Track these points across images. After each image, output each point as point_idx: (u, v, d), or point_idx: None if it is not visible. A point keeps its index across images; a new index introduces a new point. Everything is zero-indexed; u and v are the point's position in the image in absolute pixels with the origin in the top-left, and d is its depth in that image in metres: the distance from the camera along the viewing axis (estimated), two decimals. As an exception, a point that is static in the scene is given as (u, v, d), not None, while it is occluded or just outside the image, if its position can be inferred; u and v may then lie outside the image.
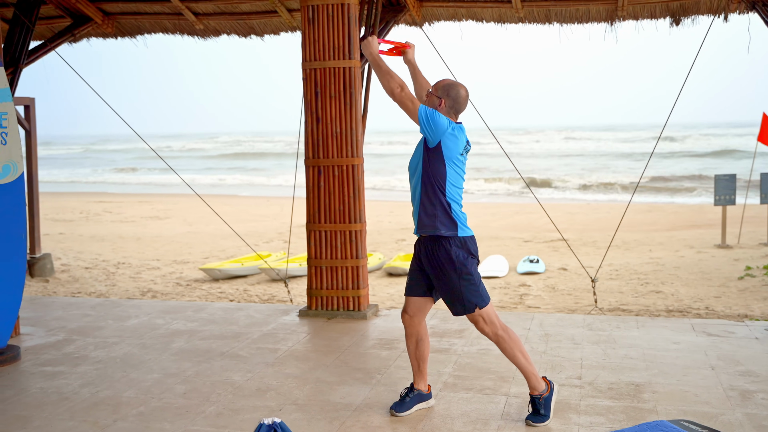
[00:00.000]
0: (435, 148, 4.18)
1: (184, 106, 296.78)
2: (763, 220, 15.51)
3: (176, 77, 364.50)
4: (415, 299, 4.40)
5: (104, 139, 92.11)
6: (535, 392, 4.29)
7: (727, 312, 8.71)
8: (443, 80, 4.34)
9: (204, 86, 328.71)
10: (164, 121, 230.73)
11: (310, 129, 6.69)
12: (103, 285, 11.14)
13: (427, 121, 4.12)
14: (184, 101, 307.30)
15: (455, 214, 4.22)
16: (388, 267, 12.01)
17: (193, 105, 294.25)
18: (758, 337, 5.86)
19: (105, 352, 5.82)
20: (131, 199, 26.80)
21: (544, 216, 18.83)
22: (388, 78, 4.22)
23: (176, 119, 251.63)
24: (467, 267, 4.23)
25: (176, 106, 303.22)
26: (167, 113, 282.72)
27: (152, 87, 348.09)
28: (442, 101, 4.25)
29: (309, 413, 4.47)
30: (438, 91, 4.28)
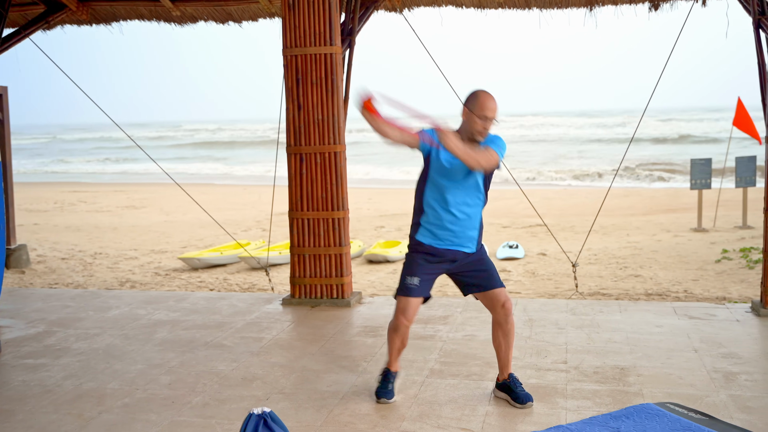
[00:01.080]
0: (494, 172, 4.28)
1: (160, 95, 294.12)
2: (738, 203, 15.68)
3: (153, 65, 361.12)
4: (416, 301, 4.32)
5: (71, 128, 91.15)
6: (504, 376, 4.42)
7: (705, 295, 8.80)
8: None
9: (181, 74, 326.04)
10: (140, 109, 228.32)
11: (291, 116, 6.63)
12: (81, 276, 11.02)
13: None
14: (160, 89, 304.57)
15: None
16: (368, 254, 11.99)
17: (169, 94, 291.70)
18: (739, 320, 5.92)
19: (87, 343, 5.76)
20: (106, 189, 26.53)
21: (522, 202, 18.90)
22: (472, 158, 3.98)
23: (152, 107, 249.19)
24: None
25: (152, 95, 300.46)
26: (142, 101, 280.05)
27: (128, 75, 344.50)
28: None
29: (296, 402, 4.45)
30: None
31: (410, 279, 4.27)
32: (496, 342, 4.42)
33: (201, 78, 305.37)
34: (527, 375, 4.76)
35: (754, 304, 6.18)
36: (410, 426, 4.05)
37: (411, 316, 4.29)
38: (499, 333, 4.38)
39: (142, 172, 34.16)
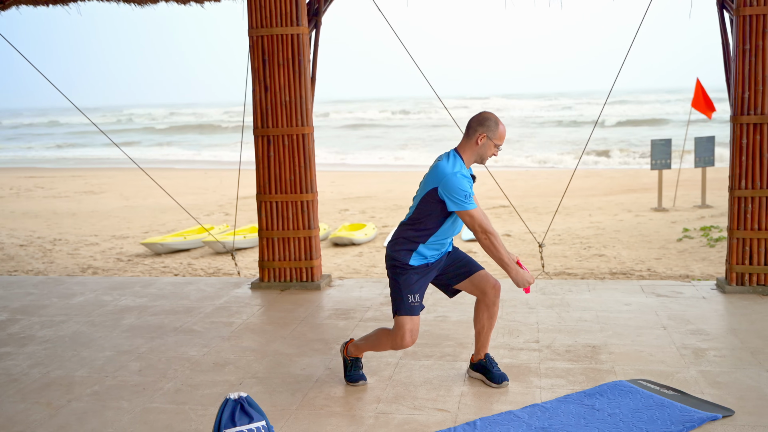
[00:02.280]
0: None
1: (119, 78, 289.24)
2: (697, 183, 15.95)
3: (112, 48, 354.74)
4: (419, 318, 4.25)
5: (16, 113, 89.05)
6: (481, 356, 4.41)
7: (668, 273, 8.93)
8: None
9: (142, 56, 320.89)
10: (97, 92, 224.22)
11: (258, 98, 6.54)
12: (40, 262, 10.80)
13: None
14: (119, 72, 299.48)
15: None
16: (333, 237, 11.93)
17: (128, 77, 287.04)
18: (705, 297, 6.01)
19: (52, 331, 5.64)
20: (63, 174, 26.02)
21: (485, 183, 19.00)
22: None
23: (110, 91, 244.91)
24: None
25: (110, 78, 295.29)
26: (100, 85, 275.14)
27: (86, 58, 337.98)
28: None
29: (270, 386, 4.41)
30: None
31: (412, 297, 4.13)
32: (480, 324, 4.36)
33: (161, 60, 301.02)
34: (500, 355, 4.78)
35: (719, 282, 6.28)
36: (386, 408, 4.04)
37: (417, 336, 4.18)
38: (485, 315, 4.33)
39: (90, 157, 33.58)
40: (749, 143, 5.94)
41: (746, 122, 5.92)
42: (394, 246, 4.16)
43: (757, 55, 5.83)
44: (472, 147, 4.07)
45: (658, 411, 3.88)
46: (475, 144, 4.06)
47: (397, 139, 39.95)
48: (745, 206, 6.02)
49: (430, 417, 3.91)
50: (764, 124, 5.88)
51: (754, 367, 4.45)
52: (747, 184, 5.99)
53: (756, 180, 5.96)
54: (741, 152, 5.98)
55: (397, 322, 4.13)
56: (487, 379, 4.36)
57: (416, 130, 45.17)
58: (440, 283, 4.39)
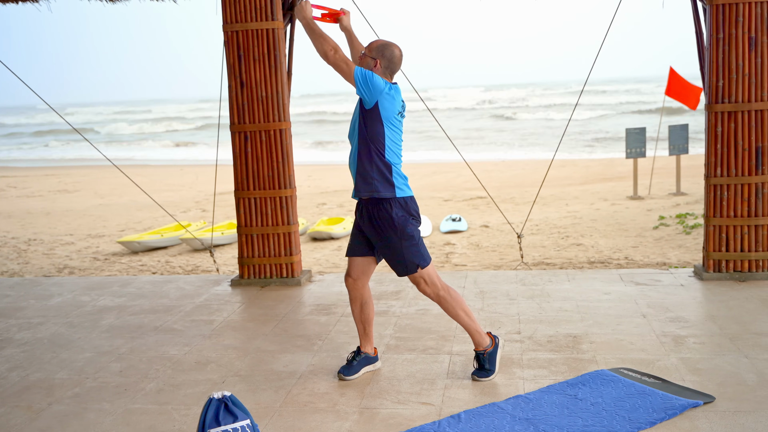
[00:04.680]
0: (372, 109, 4.10)
1: (92, 75, 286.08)
2: (671, 170, 16.09)
3: (83, 44, 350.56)
4: (358, 260, 4.34)
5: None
6: (480, 348, 4.34)
7: (646, 261, 9.01)
8: (377, 41, 4.25)
9: (113, 53, 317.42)
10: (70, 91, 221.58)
11: (234, 94, 6.49)
12: (15, 263, 10.68)
13: (363, 81, 4.03)
14: (93, 69, 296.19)
15: (395, 175, 4.17)
16: (312, 232, 11.92)
17: (102, 74, 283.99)
18: (683, 284, 6.07)
19: (30, 333, 5.57)
20: (36, 173, 25.74)
21: (461, 175, 18.98)
22: (321, 41, 4.09)
23: (84, 88, 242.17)
24: (407, 227, 4.19)
25: (83, 75, 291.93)
26: (74, 83, 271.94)
27: (58, 56, 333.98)
28: (377, 62, 4.18)
29: (253, 384, 4.39)
30: (372, 52, 4.20)
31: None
32: None
33: (136, 57, 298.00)
34: (483, 347, 4.79)
35: (696, 269, 6.34)
36: (370, 402, 4.04)
37: (355, 274, 4.33)
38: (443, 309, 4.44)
39: (64, 157, 33.21)
40: (724, 131, 6.00)
41: (721, 110, 5.97)
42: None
43: (730, 44, 5.88)
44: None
45: (640, 399, 3.91)
46: None
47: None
48: (721, 194, 6.07)
49: (415, 411, 3.91)
50: (738, 111, 5.94)
51: (733, 353, 4.50)
52: (722, 171, 6.05)
53: (731, 168, 6.02)
54: (716, 140, 6.04)
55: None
56: (475, 370, 4.35)
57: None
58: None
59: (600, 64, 7.24)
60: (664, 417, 3.70)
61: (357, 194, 4.25)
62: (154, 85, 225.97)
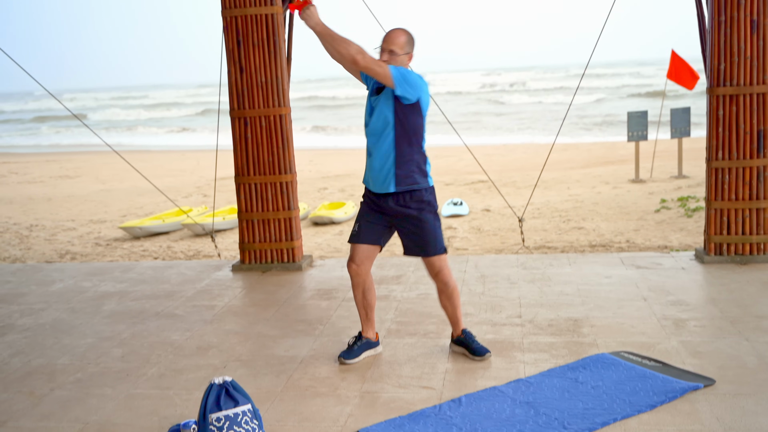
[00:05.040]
0: (414, 104, 4.07)
1: (94, 60, 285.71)
2: (673, 153, 16.04)
3: (86, 30, 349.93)
4: (363, 247, 4.34)
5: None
6: (458, 332, 4.46)
7: (647, 244, 9.00)
8: (400, 33, 4.12)
9: (116, 38, 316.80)
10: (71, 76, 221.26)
11: (233, 80, 6.47)
12: (18, 249, 10.68)
13: (404, 81, 3.98)
14: (95, 54, 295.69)
15: (428, 165, 4.27)
16: (313, 216, 11.91)
17: (103, 58, 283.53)
18: (684, 267, 6.07)
19: (32, 319, 5.59)
20: (37, 159, 25.73)
21: (462, 159, 18.96)
22: (346, 45, 3.88)
23: (85, 74, 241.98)
24: (437, 211, 4.35)
25: (84, 60, 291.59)
26: (73, 68, 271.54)
27: (57, 41, 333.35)
28: (410, 56, 4.18)
29: (254, 369, 4.40)
30: (405, 48, 4.13)
31: (356, 225, 4.37)
32: (442, 305, 4.50)
33: (138, 42, 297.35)
34: (483, 331, 4.80)
35: (697, 252, 6.34)
36: (371, 387, 4.05)
37: (359, 260, 4.33)
38: (443, 298, 4.47)
39: (59, 143, 33.18)
40: (725, 114, 5.98)
41: (722, 94, 5.95)
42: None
43: (731, 27, 5.85)
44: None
45: (640, 382, 3.92)
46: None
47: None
48: (722, 177, 6.06)
49: (416, 395, 3.92)
50: (740, 95, 5.91)
51: (734, 336, 4.50)
52: (724, 155, 6.03)
53: (732, 151, 6.00)
54: (718, 124, 6.01)
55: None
56: (469, 353, 4.41)
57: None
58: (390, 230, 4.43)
59: (601, 47, 7.21)
60: (665, 400, 3.71)
61: (397, 186, 4.18)
62: (155, 70, 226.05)
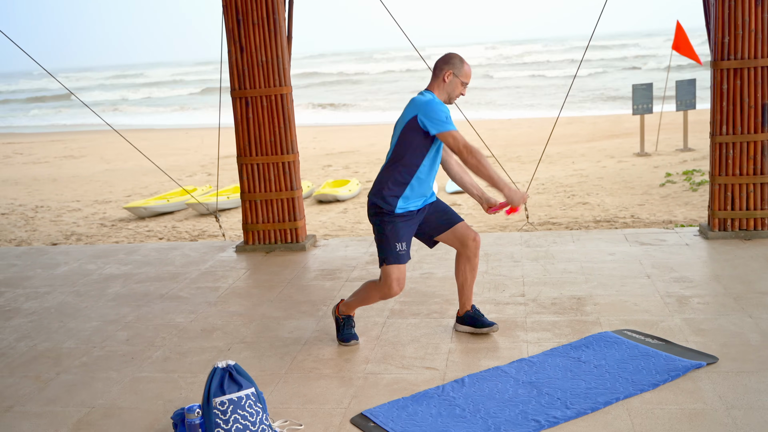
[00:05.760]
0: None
1: (90, 39, 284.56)
2: (679, 126, 15.96)
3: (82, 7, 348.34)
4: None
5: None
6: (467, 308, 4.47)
7: (652, 219, 8.98)
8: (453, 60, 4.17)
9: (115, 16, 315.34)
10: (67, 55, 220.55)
11: (234, 59, 6.44)
12: (23, 231, 10.72)
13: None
14: (94, 33, 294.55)
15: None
16: (317, 195, 11.90)
17: (101, 37, 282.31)
18: (688, 243, 6.05)
19: (38, 302, 5.61)
20: (42, 139, 25.74)
21: (467, 134, 18.80)
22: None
23: (83, 53, 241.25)
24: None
25: (81, 39, 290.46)
26: (70, 47, 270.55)
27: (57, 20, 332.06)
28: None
29: (259, 351, 4.42)
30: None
31: (400, 245, 4.14)
32: (462, 277, 4.42)
33: (141, 19, 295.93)
34: (487, 310, 4.80)
35: (701, 228, 6.32)
36: (375, 368, 4.06)
37: (404, 284, 4.21)
38: (467, 267, 4.38)
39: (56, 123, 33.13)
40: (730, 88, 5.92)
41: (726, 67, 5.89)
42: (379, 192, 4.13)
43: (736, 0, 5.78)
44: (441, 85, 4.13)
45: (643, 361, 3.92)
46: (442, 81, 4.12)
47: (379, 91, 39.69)
48: (726, 152, 6.02)
49: (419, 375, 3.94)
50: (744, 68, 5.86)
51: (737, 313, 4.50)
52: (728, 129, 5.99)
53: (737, 125, 5.95)
54: (722, 98, 5.97)
55: (384, 271, 4.15)
56: (476, 327, 4.41)
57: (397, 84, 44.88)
58: (421, 233, 4.40)
59: (605, 18, 7.13)
60: (667, 378, 3.71)
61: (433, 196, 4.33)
62: (155, 47, 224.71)
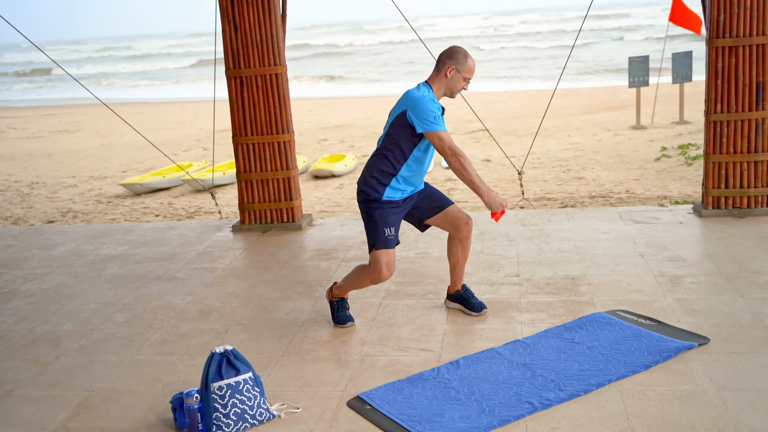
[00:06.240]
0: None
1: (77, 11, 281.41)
2: (675, 98, 15.93)
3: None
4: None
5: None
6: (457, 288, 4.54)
7: (646, 194, 9.01)
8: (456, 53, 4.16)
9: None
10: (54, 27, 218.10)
11: (228, 38, 6.41)
12: (19, 208, 10.73)
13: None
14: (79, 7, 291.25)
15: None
16: (313, 170, 11.90)
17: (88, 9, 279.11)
18: (682, 221, 6.09)
19: (36, 284, 5.65)
20: (36, 113, 25.61)
21: (463, 107, 18.83)
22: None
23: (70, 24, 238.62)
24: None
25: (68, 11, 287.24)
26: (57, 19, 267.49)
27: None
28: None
29: (256, 333, 4.46)
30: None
31: (388, 231, 4.16)
32: (454, 258, 4.48)
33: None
34: (482, 290, 4.84)
35: (695, 206, 6.35)
36: (371, 350, 4.11)
37: (393, 269, 4.23)
38: (459, 249, 4.44)
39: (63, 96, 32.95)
40: (725, 66, 5.92)
41: (721, 45, 5.89)
42: (367, 180, 4.17)
43: (732, -23, 5.76)
44: (442, 79, 4.13)
45: (635, 342, 3.98)
46: (444, 77, 4.13)
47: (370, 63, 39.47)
48: (720, 130, 6.04)
49: (415, 357, 3.98)
50: (739, 46, 5.85)
51: (729, 293, 4.54)
52: (723, 107, 5.99)
53: (732, 103, 5.96)
54: (717, 76, 5.97)
55: (373, 256, 4.18)
56: (466, 308, 4.48)
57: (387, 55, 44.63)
58: (412, 218, 4.44)
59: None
60: (659, 360, 3.77)
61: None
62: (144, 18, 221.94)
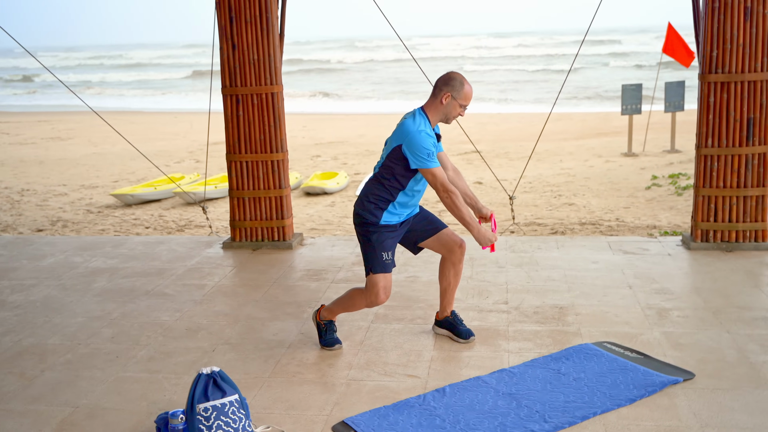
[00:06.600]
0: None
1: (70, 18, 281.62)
2: (667, 126, 16.06)
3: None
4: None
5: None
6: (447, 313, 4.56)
7: (636, 223, 9.07)
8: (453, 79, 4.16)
9: None
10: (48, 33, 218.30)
11: (225, 56, 6.44)
12: (9, 215, 10.69)
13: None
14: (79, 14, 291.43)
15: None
16: (305, 186, 11.91)
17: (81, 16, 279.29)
18: (670, 254, 6.13)
19: (23, 295, 5.63)
20: (29, 119, 25.56)
21: (456, 128, 18.90)
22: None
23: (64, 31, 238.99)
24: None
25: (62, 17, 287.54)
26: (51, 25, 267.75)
27: None
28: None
29: (243, 353, 4.45)
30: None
31: (386, 255, 4.18)
32: (446, 282, 4.50)
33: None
34: (470, 317, 4.86)
35: (684, 238, 6.40)
36: (358, 374, 4.11)
37: (390, 292, 4.25)
38: (451, 273, 4.46)
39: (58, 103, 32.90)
40: (716, 102, 5.99)
41: (714, 80, 5.95)
42: (363, 204, 4.19)
43: (725, 14, 5.83)
44: (438, 106, 4.13)
45: (621, 375, 3.99)
46: (440, 103, 4.12)
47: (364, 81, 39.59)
48: (711, 164, 6.09)
49: (401, 383, 3.99)
50: (731, 82, 5.92)
51: (715, 328, 4.57)
52: (713, 142, 6.05)
53: (722, 138, 6.02)
54: (708, 110, 6.03)
55: (370, 280, 4.19)
56: (454, 335, 4.50)
57: (378, 73, 44.75)
58: (406, 241, 4.46)
59: (602, 12, 7.14)
60: (644, 394, 3.78)
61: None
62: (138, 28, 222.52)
